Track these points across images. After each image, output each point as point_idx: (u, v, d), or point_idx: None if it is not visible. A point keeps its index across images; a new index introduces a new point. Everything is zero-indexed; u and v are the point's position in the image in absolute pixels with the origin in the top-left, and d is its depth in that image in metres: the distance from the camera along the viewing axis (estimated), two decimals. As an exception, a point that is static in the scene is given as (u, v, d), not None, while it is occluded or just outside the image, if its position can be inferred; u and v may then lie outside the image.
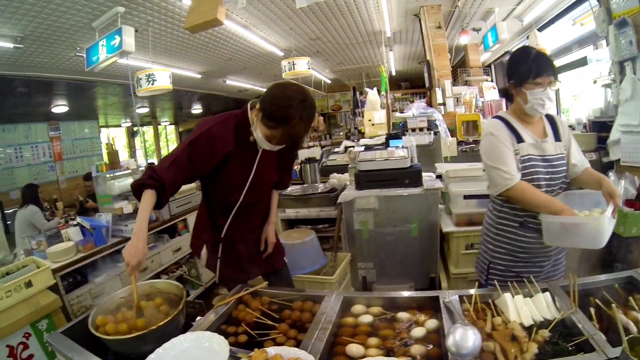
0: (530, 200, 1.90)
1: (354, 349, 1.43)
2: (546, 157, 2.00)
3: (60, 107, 8.97)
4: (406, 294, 1.78)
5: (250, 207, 2.20)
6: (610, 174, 3.20)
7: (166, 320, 1.53)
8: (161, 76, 5.32)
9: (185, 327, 1.69)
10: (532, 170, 1.97)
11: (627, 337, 1.11)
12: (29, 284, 2.63)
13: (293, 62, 6.64)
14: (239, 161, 2.02)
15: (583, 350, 1.28)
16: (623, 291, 1.62)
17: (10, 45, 5.17)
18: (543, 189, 1.97)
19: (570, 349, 1.31)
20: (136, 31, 4.44)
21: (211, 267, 2.36)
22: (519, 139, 2.01)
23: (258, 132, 1.89)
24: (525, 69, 1.95)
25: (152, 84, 5.23)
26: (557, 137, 2.07)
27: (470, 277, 3.56)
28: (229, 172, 2.02)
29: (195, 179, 2.03)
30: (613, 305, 1.37)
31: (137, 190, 1.82)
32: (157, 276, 4.05)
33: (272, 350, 1.30)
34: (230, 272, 2.29)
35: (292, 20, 6.47)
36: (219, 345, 1.37)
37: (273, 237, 2.38)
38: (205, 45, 7.22)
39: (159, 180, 1.80)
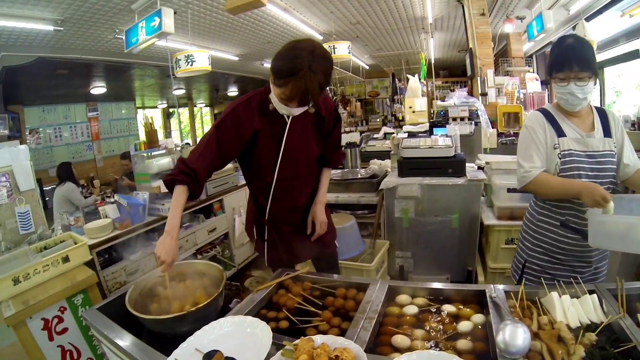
0: (553, 193, 1.90)
1: (399, 339, 1.37)
2: (591, 153, 1.88)
3: (98, 88, 9.17)
4: (451, 286, 1.70)
5: (290, 185, 2.09)
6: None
7: (206, 302, 1.49)
8: (200, 57, 5.30)
9: (224, 310, 1.64)
10: (572, 165, 1.87)
11: None
12: (66, 259, 2.65)
13: (334, 46, 6.51)
14: (269, 138, 1.94)
15: (631, 357, 1.21)
16: None
17: (51, 28, 5.24)
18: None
19: (617, 354, 1.23)
20: (175, 13, 4.40)
21: (259, 251, 2.29)
22: (560, 133, 1.92)
23: (273, 96, 1.80)
24: (551, 62, 1.91)
25: (191, 65, 5.22)
26: (608, 133, 1.93)
27: (508, 272, 3.42)
28: (260, 151, 1.97)
29: (227, 162, 1.99)
30: None
31: (169, 184, 1.81)
32: (193, 256, 4.06)
33: (318, 338, 1.23)
34: (277, 254, 2.20)
35: (333, 3, 6.33)
36: (262, 331, 1.31)
37: (323, 215, 2.19)
38: (244, 27, 7.16)
39: (190, 173, 1.78)
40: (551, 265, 2.01)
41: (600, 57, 5.94)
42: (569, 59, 1.81)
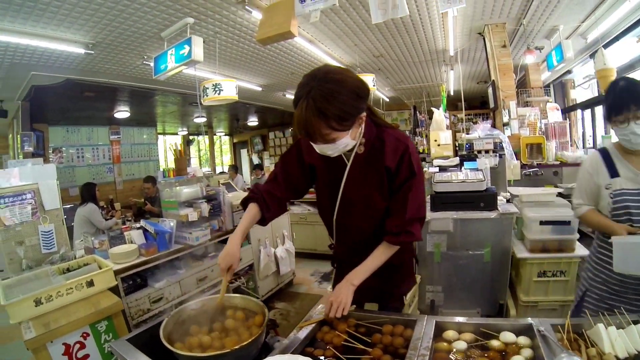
0: (588, 224, 2.12)
1: (452, 375, 1.32)
2: None
3: (122, 112, 9.35)
4: (496, 321, 1.65)
5: (350, 230, 1.89)
6: None
7: (250, 339, 1.42)
8: (228, 86, 5.38)
9: (262, 347, 1.59)
10: (623, 204, 1.97)
11: None
12: (90, 284, 2.64)
13: (359, 79, 6.56)
14: (327, 176, 1.84)
15: None
16: None
17: (82, 51, 5.35)
18: (636, 225, 1.91)
19: None
20: (204, 42, 4.49)
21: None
22: (614, 174, 2.02)
23: None
24: (609, 106, 1.99)
25: (219, 94, 5.29)
26: None
27: (541, 305, 3.42)
28: (320, 189, 1.94)
29: (298, 192, 1.96)
30: None
31: (243, 205, 1.90)
32: (215, 285, 3.99)
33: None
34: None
35: (357, 36, 6.43)
36: (314, 370, 1.25)
37: (342, 296, 1.67)
38: (270, 58, 7.28)
39: (258, 195, 1.84)
40: (608, 295, 2.05)
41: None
42: (626, 101, 1.89)
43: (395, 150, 1.72)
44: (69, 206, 6.21)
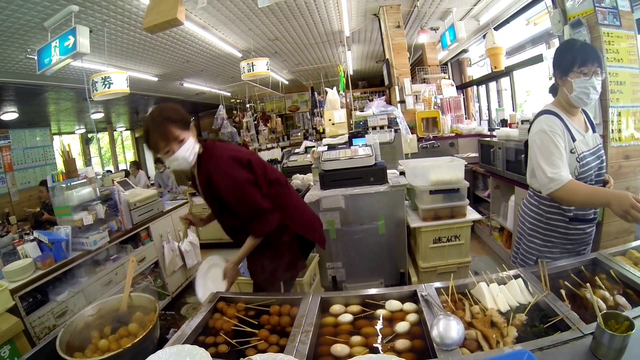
0: (581, 200, 1.91)
1: (338, 348, 1.43)
2: (592, 151, 2.07)
3: (9, 113, 8.47)
4: (383, 290, 1.78)
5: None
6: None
7: (141, 336, 1.47)
8: (118, 79, 5.10)
9: (160, 341, 1.62)
10: (587, 167, 2.03)
11: (601, 313, 1.18)
12: (-15, 308, 2.46)
13: (252, 63, 6.54)
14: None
15: (560, 329, 1.34)
16: (589, 272, 1.72)
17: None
18: (592, 184, 2.04)
19: (547, 329, 1.37)
20: (91, 32, 4.23)
21: None
22: (573, 137, 2.04)
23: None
24: (570, 58, 1.99)
25: (109, 88, 5.02)
26: (593, 129, 2.16)
27: (439, 270, 3.69)
28: None
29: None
30: (587, 285, 1.47)
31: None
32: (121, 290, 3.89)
33: (257, 358, 1.27)
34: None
35: (251, 20, 6.39)
36: (201, 357, 1.32)
37: (228, 274, 2.32)
38: (162, 46, 7.03)
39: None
40: (561, 254, 2.12)
41: (509, 61, 6.46)
42: (591, 55, 1.94)
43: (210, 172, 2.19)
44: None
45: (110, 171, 11.51)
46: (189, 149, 2.05)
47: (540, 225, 2.22)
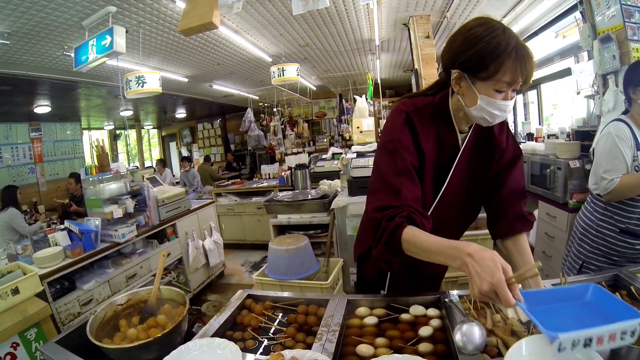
0: (632, 185, 2.01)
1: (363, 349, 1.44)
2: None
3: (42, 107, 8.75)
4: (408, 296, 1.77)
5: (443, 225, 1.52)
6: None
7: (170, 327, 1.50)
8: (151, 79, 5.23)
9: (187, 335, 1.66)
10: None
11: None
12: (15, 291, 2.55)
13: (283, 68, 6.62)
14: (435, 164, 1.53)
15: None
16: (610, 288, 1.69)
17: (-3, 40, 4.99)
18: None
19: None
20: (127, 32, 4.35)
21: (371, 279, 1.91)
22: (639, 147, 2.08)
23: (480, 101, 1.33)
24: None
25: (142, 87, 5.13)
26: None
27: (460, 280, 3.69)
28: (423, 179, 1.51)
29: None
30: None
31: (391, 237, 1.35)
32: (148, 283, 3.96)
33: (287, 353, 1.29)
34: (401, 282, 1.83)
35: (283, 26, 6.47)
36: (231, 352, 1.34)
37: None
38: (195, 48, 7.16)
39: (402, 207, 1.36)
40: (606, 266, 2.16)
41: (537, 74, 6.39)
42: None
43: (501, 128, 1.59)
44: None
45: (137, 167, 11.71)
46: None
47: (591, 232, 2.25)
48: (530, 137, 5.41)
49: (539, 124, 6.27)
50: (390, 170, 1.41)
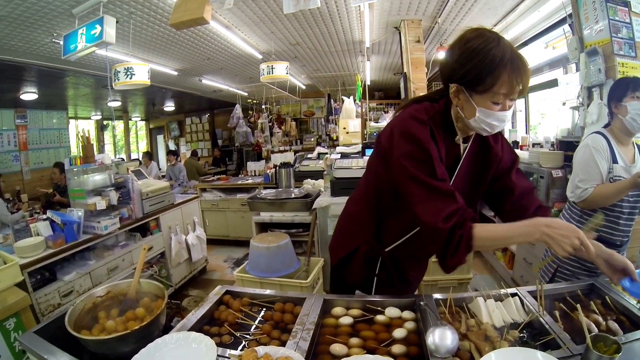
0: (613, 193, 2.08)
1: (337, 348, 1.47)
2: None
3: (29, 94, 8.63)
4: (384, 297, 1.81)
5: None
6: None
7: (149, 320, 1.52)
8: (140, 71, 5.22)
9: (165, 328, 1.68)
10: None
11: (590, 335, 1.22)
12: (-6, 281, 2.53)
13: (272, 66, 6.63)
14: None
15: (550, 347, 1.38)
16: (585, 297, 1.77)
17: (-18, 26, 4.90)
18: (625, 214, 2.15)
19: (538, 347, 1.40)
20: (117, 22, 4.31)
21: (357, 281, 1.94)
22: (614, 160, 2.15)
23: (478, 113, 1.40)
24: (624, 84, 2.16)
25: (130, 78, 5.12)
26: None
27: (440, 284, 3.76)
28: None
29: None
30: (579, 306, 1.48)
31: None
32: (131, 276, 3.96)
33: (260, 349, 1.32)
34: (389, 284, 1.89)
35: (274, 24, 6.47)
36: (206, 346, 1.37)
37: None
38: (185, 42, 7.14)
39: (460, 216, 1.37)
40: (580, 271, 2.23)
41: (527, 83, 6.50)
42: None
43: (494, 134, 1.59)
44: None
45: (123, 159, 11.62)
46: None
47: None
48: (515, 144, 5.51)
49: (526, 133, 6.37)
50: (432, 177, 1.41)
